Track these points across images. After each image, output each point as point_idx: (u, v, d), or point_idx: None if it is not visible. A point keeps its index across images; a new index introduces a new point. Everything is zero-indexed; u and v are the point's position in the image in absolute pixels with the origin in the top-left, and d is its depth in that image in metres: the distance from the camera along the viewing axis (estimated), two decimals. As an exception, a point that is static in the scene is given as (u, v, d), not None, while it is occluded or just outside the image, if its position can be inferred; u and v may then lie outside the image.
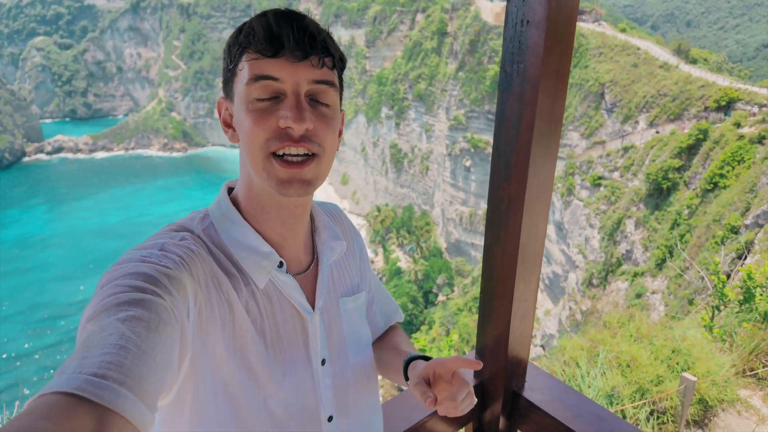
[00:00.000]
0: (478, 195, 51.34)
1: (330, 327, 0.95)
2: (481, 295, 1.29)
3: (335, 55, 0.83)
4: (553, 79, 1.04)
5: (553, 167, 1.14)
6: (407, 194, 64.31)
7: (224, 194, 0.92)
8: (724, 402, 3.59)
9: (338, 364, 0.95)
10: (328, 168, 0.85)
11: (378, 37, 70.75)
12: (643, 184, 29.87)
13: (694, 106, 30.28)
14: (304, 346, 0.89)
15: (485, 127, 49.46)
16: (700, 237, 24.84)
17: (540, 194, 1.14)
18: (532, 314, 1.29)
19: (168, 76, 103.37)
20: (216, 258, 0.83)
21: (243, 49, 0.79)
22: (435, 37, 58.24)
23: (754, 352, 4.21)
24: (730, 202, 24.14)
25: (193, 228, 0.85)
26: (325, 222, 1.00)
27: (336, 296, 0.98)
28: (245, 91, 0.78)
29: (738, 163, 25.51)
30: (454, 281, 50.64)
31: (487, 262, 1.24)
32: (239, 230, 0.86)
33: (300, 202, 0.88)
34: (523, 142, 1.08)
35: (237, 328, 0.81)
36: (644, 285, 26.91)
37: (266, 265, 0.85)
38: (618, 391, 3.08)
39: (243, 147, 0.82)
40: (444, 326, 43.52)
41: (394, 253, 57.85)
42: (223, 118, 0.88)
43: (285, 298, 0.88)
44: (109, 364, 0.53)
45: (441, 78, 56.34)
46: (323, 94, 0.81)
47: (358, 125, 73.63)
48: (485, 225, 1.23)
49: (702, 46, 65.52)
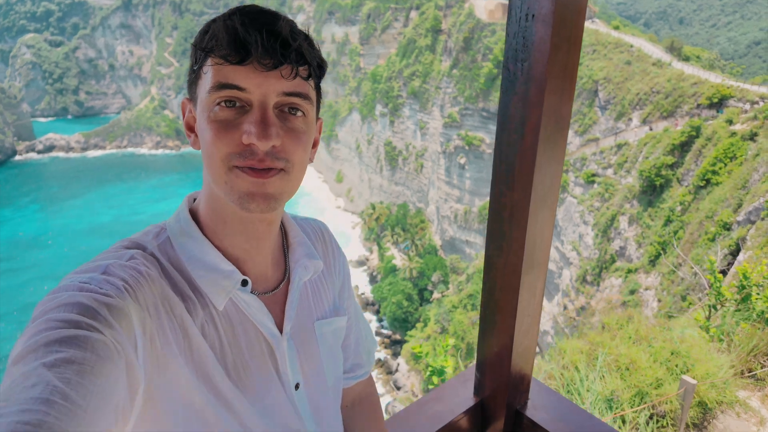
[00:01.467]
0: (473, 192, 51.37)
1: (303, 350, 0.89)
2: (482, 308, 1.21)
3: (312, 63, 0.75)
4: (560, 78, 0.96)
5: (560, 173, 1.07)
6: (402, 192, 64.26)
7: (184, 206, 0.84)
8: (723, 404, 3.56)
9: (315, 388, 0.90)
10: (296, 183, 0.78)
11: (372, 35, 70.49)
12: (636, 181, 29.99)
13: (686, 104, 30.41)
14: (275, 371, 0.83)
15: (479, 124, 49.46)
16: (693, 233, 24.99)
17: (546, 202, 1.06)
18: (536, 328, 1.21)
19: (160, 74, 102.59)
20: (170, 278, 0.75)
21: (207, 52, 0.72)
22: (429, 34, 58.11)
23: (752, 353, 4.18)
24: (723, 198, 24.28)
25: (147, 244, 0.78)
26: (300, 239, 0.93)
27: (311, 318, 0.92)
28: (207, 99, 0.72)
29: (730, 159, 25.66)
30: (449, 279, 50.69)
31: (488, 273, 1.17)
32: (198, 246, 0.78)
33: (264, 218, 0.80)
34: (527, 146, 1.00)
35: (195, 354, 0.74)
36: (638, 281, 27.06)
37: (226, 284, 0.77)
38: (617, 396, 3.03)
39: (204, 158, 0.75)
40: (439, 323, 43.56)
41: (389, 250, 57.81)
42: (186, 121, 0.81)
43: (249, 321, 0.81)
44: (25, 425, 0.47)
45: (435, 75, 56.26)
46: (295, 107, 0.74)
47: (352, 123, 73.43)
48: (486, 235, 1.15)
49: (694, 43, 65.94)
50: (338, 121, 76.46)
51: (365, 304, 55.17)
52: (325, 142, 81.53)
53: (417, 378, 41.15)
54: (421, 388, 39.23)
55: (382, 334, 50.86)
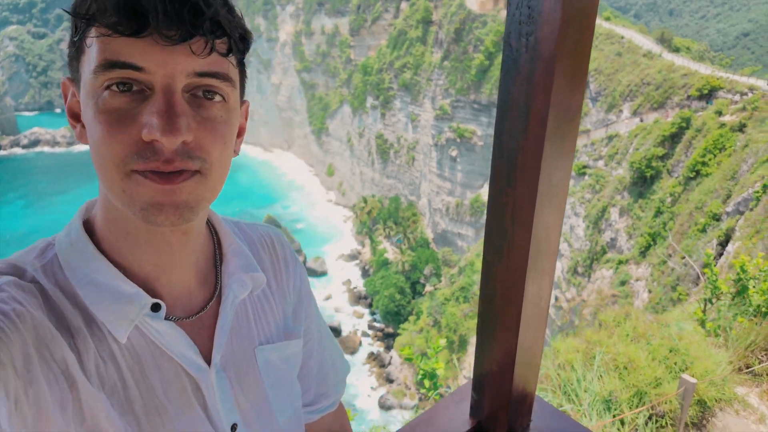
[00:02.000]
0: (465, 185, 51.35)
1: (240, 383, 0.73)
2: (480, 319, 1.08)
3: (232, 34, 0.59)
4: (572, 56, 0.81)
5: (570, 168, 0.92)
6: (394, 185, 64.10)
7: (78, 216, 0.69)
8: (721, 402, 3.50)
9: (260, 428, 0.75)
10: (217, 185, 0.63)
11: (362, 26, 69.86)
12: (627, 173, 30.11)
13: (676, 95, 30.52)
14: (204, 411, 0.68)
15: (471, 117, 49.34)
16: (683, 224, 25.17)
17: (553, 201, 0.92)
18: (541, 342, 1.08)
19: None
20: (54, 309, 0.60)
21: (89, 20, 0.55)
22: (420, 25, 57.72)
23: (749, 348, 4.12)
24: (712, 189, 24.46)
25: (27, 266, 0.62)
26: (236, 248, 0.76)
27: (251, 343, 0.77)
28: (93, 81, 0.56)
29: (719, 151, 25.83)
30: (441, 271, 50.79)
31: (486, 281, 1.03)
32: (92, 265, 0.63)
33: (178, 229, 0.64)
34: (532, 136, 0.85)
35: (86, 407, 0.58)
36: (628, 272, 27.26)
37: (129, 311, 0.62)
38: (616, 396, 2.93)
39: (93, 158, 0.61)
40: (432, 316, 43.68)
41: (381, 244, 57.75)
42: (69, 107, 0.64)
43: (163, 354, 0.65)
44: None
45: (426, 67, 55.96)
46: (211, 90, 0.59)
47: (343, 115, 72.95)
48: (484, 237, 1.01)
49: (684, 35, 66.19)
50: (329, 113, 75.93)
51: (358, 297, 55.15)
52: (315, 135, 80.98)
53: (410, 371, 41.30)
54: (413, 381, 39.44)
55: (375, 327, 50.91)
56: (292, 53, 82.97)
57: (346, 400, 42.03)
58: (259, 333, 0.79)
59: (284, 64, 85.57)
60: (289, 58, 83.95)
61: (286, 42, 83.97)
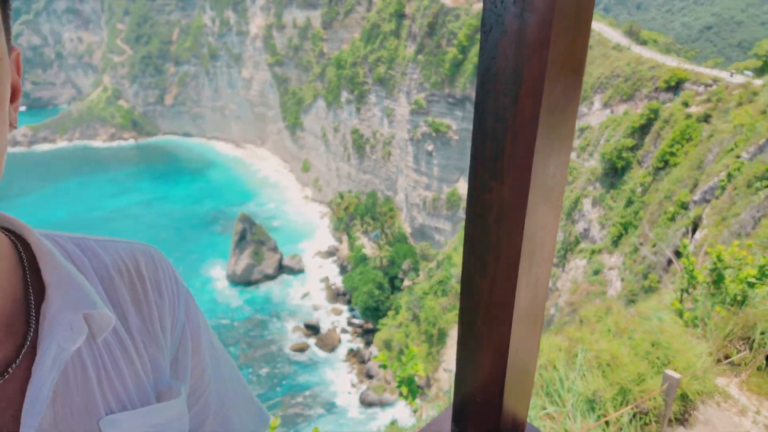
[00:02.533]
0: (441, 179, 51.53)
1: None
2: (461, 342, 0.89)
3: None
4: (575, 6, 0.63)
5: (568, 154, 0.74)
6: (370, 180, 63.84)
7: None
8: (703, 394, 3.48)
9: None
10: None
11: (335, 19, 69.08)
12: (598, 164, 30.64)
13: (645, 87, 31.15)
14: None
15: (446, 111, 49.44)
16: (653, 213, 25.78)
17: (550, 196, 0.74)
18: (534, 364, 0.90)
19: (113, 62, 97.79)
20: None
21: None
22: (393, 19, 57.41)
23: (728, 337, 4.12)
24: (680, 179, 25.09)
25: None
26: (64, 278, 0.56)
27: (91, 413, 0.54)
28: None
29: (686, 141, 26.50)
30: (419, 266, 50.95)
31: (467, 299, 0.83)
32: None
33: None
34: (524, 114, 0.66)
35: None
36: (601, 261, 27.81)
37: None
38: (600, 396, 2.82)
39: None
40: (410, 311, 43.79)
41: (358, 240, 57.51)
42: None
43: None
44: None
45: (400, 61, 55.77)
46: None
47: (317, 110, 72.16)
48: (464, 245, 0.80)
49: (651, 28, 67.79)
50: (303, 108, 74.99)
51: (336, 294, 54.85)
52: (290, 130, 79.92)
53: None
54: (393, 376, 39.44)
55: (354, 324, 50.76)
56: (263, 47, 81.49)
57: (326, 398, 41.88)
58: (107, 397, 0.56)
59: (255, 58, 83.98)
60: (260, 51, 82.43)
61: (257, 35, 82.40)
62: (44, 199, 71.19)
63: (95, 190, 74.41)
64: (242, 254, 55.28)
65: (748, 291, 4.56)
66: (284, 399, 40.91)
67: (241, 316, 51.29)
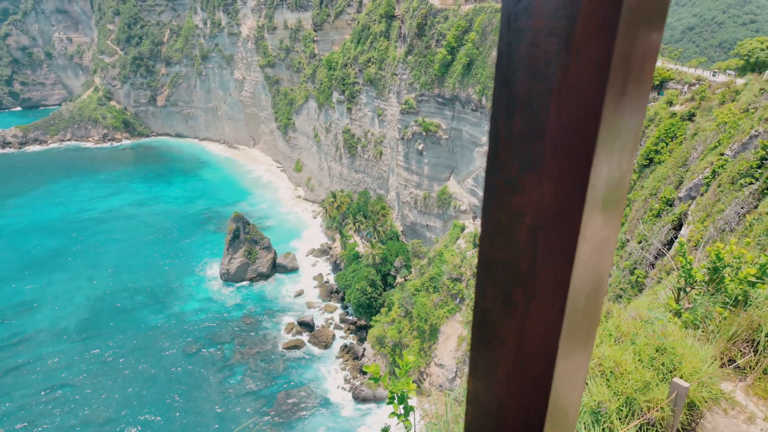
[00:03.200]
0: (432, 178, 52.05)
1: None
2: (469, 404, 0.67)
3: None
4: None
5: (638, 140, 0.56)
6: (362, 179, 64.21)
7: None
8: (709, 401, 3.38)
9: None
10: None
11: (325, 20, 69.38)
12: (586, 162, 31.24)
13: (630, 86, 31.82)
14: None
15: (435, 110, 49.95)
16: (639, 210, 26.41)
17: (611, 201, 0.53)
18: (578, 402, 0.68)
19: (104, 63, 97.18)
20: None
21: None
22: (383, 20, 57.84)
23: (731, 340, 4.01)
24: (665, 176, 25.71)
25: None
26: None
27: None
28: None
29: (671, 139, 27.16)
30: (411, 263, 51.43)
31: (482, 345, 0.62)
32: None
33: None
34: (580, 69, 0.45)
35: None
36: (590, 257, 28.39)
37: None
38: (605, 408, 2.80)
39: None
40: (403, 307, 44.23)
41: (351, 238, 57.88)
42: None
43: None
44: None
45: (391, 62, 56.21)
46: None
47: (309, 111, 72.37)
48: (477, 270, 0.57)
49: (637, 28, 68.63)
50: (294, 109, 75.16)
51: (329, 292, 55.17)
52: (281, 131, 80.00)
53: (382, 362, 41.70)
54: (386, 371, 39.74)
55: (348, 320, 51.12)
56: (255, 48, 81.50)
57: (321, 395, 42.18)
58: None
59: (247, 60, 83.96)
60: (252, 53, 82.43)
61: (249, 37, 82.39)
62: (35, 201, 70.67)
63: (87, 191, 73.99)
64: (236, 253, 55.42)
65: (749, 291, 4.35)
66: (279, 396, 41.18)
67: (235, 314, 51.43)
